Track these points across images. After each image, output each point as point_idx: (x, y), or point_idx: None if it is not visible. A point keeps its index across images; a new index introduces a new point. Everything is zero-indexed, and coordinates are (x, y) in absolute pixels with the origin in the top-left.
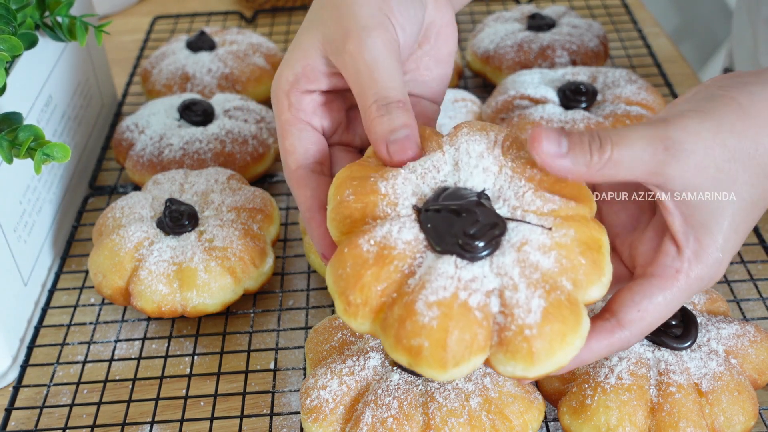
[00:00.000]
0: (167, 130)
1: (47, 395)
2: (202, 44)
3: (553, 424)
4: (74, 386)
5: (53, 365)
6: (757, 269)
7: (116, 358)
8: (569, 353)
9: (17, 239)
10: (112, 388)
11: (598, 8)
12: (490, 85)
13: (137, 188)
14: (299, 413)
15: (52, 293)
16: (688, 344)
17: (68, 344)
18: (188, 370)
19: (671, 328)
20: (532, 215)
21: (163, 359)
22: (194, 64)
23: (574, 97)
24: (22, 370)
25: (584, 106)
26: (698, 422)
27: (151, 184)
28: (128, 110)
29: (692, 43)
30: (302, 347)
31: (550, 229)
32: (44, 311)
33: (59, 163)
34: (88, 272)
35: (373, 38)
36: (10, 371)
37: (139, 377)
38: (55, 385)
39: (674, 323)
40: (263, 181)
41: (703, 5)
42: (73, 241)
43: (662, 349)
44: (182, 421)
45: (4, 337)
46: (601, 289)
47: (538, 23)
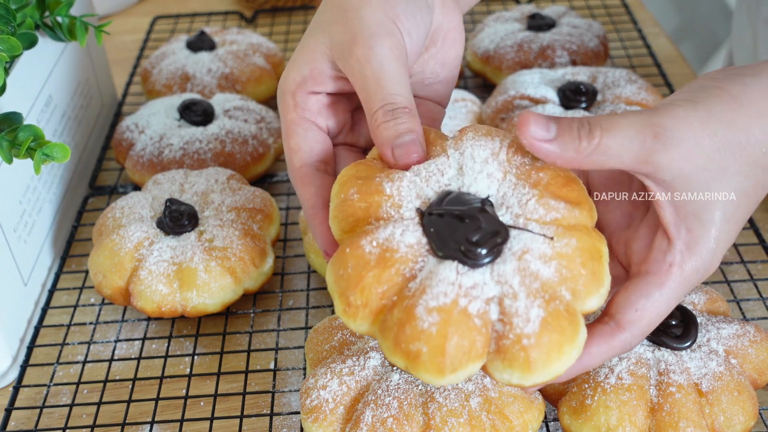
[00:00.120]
0: (167, 130)
1: (47, 395)
2: (202, 44)
3: (553, 424)
4: (74, 386)
5: (53, 365)
6: (757, 269)
7: (116, 358)
8: (565, 363)
9: (17, 239)
10: (112, 388)
11: (598, 8)
12: (490, 85)
13: (137, 188)
14: (299, 413)
15: (52, 293)
16: (688, 344)
17: (68, 344)
18: (188, 370)
19: (671, 328)
20: (534, 224)
21: (163, 359)
22: (194, 64)
23: (574, 97)
24: (22, 370)
25: (584, 106)
26: (698, 422)
27: (151, 184)
28: (128, 110)
29: (692, 43)
30: (302, 347)
31: (551, 238)
32: (44, 311)
33: (59, 163)
34: (88, 272)
35: (379, 45)
36: (10, 371)
37: (139, 377)
38: (55, 385)
39: (674, 323)
40: (263, 181)
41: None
42: (73, 241)
43: (662, 349)
44: (182, 421)
45: (4, 337)
46: (599, 299)
47: (538, 23)
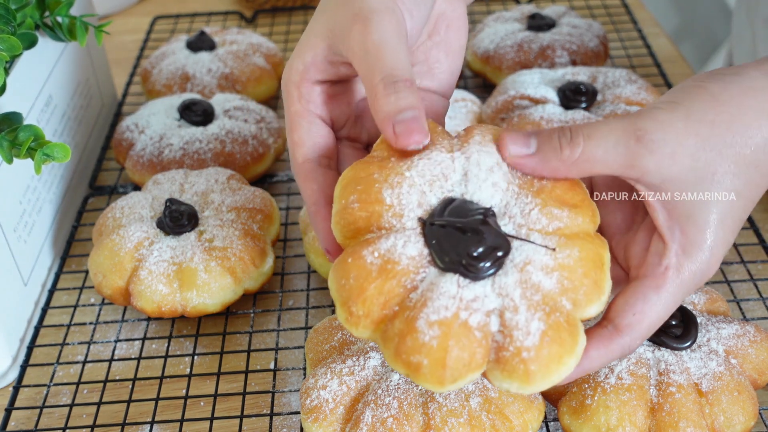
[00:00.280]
0: (167, 130)
1: (47, 395)
2: (202, 44)
3: (553, 424)
4: (74, 386)
5: (53, 365)
6: (757, 269)
7: (116, 358)
8: (564, 373)
9: (17, 239)
10: (112, 388)
11: (598, 8)
12: (490, 85)
13: (137, 188)
14: (299, 413)
15: (52, 293)
16: (688, 344)
17: (68, 344)
18: (188, 370)
19: (671, 328)
20: (536, 234)
21: (163, 359)
22: (194, 64)
23: (574, 97)
24: (22, 370)
25: (584, 106)
26: (698, 422)
27: (151, 184)
28: (128, 110)
29: (692, 43)
30: (302, 347)
31: (554, 249)
32: (44, 311)
33: (59, 163)
34: (88, 272)
35: (379, 19)
36: (10, 371)
37: (139, 377)
38: (55, 385)
39: (674, 323)
40: (263, 181)
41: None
42: (73, 241)
43: (662, 349)
44: (182, 421)
45: (4, 337)
46: (599, 306)
47: (538, 23)
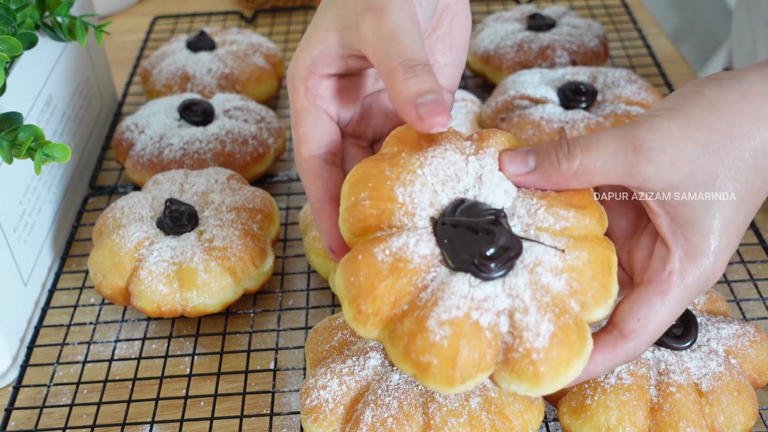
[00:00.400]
0: (167, 130)
1: (47, 395)
2: (202, 44)
3: (553, 424)
4: (74, 386)
5: (53, 365)
6: (757, 269)
7: (116, 358)
8: (572, 376)
9: (17, 239)
10: (112, 388)
11: (598, 8)
12: (490, 85)
13: (137, 188)
14: (299, 413)
15: (52, 293)
16: (688, 344)
17: (68, 344)
18: (188, 370)
19: (671, 328)
20: (545, 235)
21: (163, 359)
22: (194, 64)
23: (574, 97)
24: (22, 370)
25: (584, 106)
26: (698, 422)
27: (151, 184)
28: (128, 110)
29: (692, 43)
30: (302, 347)
31: (563, 251)
32: (44, 311)
33: (59, 163)
34: (88, 272)
35: (393, 8)
36: (10, 371)
37: (139, 377)
38: (55, 385)
39: (674, 323)
40: (263, 181)
41: (703, 5)
42: (73, 241)
43: (662, 349)
44: (182, 421)
45: (4, 337)
46: (606, 309)
47: (538, 23)
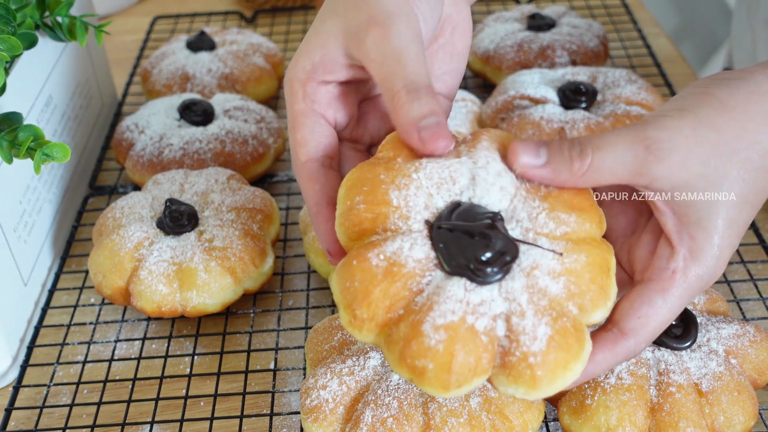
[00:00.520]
0: (167, 130)
1: (47, 395)
2: (202, 44)
3: (553, 424)
4: (74, 386)
5: (53, 365)
6: (757, 269)
7: (116, 358)
8: (570, 379)
9: (17, 239)
10: (112, 388)
11: (598, 8)
12: (490, 85)
13: (137, 188)
14: (299, 413)
15: (52, 293)
16: (688, 344)
17: (68, 344)
18: (188, 370)
19: (671, 328)
20: (544, 239)
21: (163, 359)
22: (194, 64)
23: (574, 97)
24: (22, 370)
25: (584, 106)
26: (698, 422)
27: (151, 184)
28: (128, 110)
29: (692, 43)
30: (302, 347)
31: (561, 254)
32: (44, 311)
33: (59, 163)
34: (88, 272)
35: (398, 24)
36: (10, 371)
37: (139, 377)
38: (55, 385)
39: (674, 323)
40: (263, 181)
41: (703, 5)
42: (73, 241)
43: (662, 349)
44: (182, 421)
45: (4, 337)
46: (605, 312)
47: (538, 23)
